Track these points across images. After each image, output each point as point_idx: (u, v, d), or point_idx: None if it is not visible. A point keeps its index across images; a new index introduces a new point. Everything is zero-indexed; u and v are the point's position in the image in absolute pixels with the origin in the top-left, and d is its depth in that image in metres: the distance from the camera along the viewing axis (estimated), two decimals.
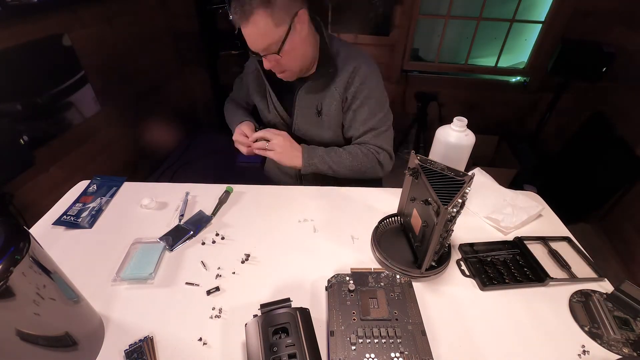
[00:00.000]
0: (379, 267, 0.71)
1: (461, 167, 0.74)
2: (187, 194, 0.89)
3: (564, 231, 0.82)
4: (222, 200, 0.85)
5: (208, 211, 0.83)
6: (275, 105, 1.00)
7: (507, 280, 0.68)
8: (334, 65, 0.91)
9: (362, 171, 0.97)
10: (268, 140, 0.92)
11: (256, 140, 0.93)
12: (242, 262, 0.71)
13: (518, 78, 2.42)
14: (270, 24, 0.76)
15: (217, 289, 0.65)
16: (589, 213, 1.98)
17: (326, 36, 0.91)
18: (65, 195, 0.89)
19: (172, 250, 0.73)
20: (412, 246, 0.74)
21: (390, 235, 0.78)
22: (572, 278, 0.70)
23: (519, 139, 2.48)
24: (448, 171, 0.64)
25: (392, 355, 0.51)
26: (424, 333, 0.54)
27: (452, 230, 0.66)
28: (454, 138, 0.74)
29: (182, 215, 0.82)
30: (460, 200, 0.59)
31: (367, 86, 0.91)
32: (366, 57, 0.94)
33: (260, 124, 1.06)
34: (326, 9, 2.24)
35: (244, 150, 0.96)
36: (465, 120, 0.73)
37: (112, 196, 0.88)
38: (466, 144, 0.75)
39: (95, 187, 0.91)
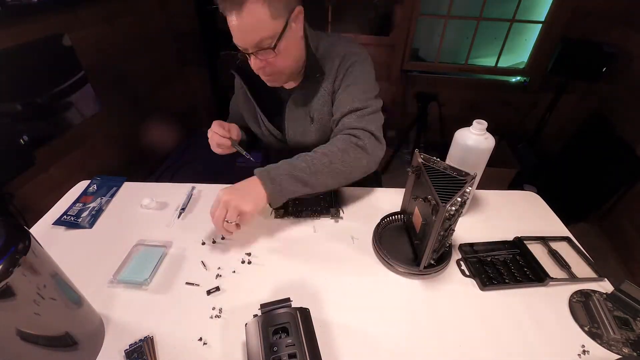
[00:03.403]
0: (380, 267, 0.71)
1: (480, 171, 0.74)
2: (193, 188, 0.89)
3: (564, 231, 0.82)
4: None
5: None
6: (265, 124, 0.95)
7: (507, 280, 0.68)
8: (321, 70, 0.84)
9: (347, 170, 0.77)
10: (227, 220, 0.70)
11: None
12: (242, 262, 0.71)
13: (518, 78, 2.42)
14: (267, 15, 0.69)
15: (217, 289, 0.65)
16: (589, 213, 1.98)
17: (311, 38, 0.84)
18: (66, 195, 0.89)
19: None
20: (413, 244, 0.74)
21: (391, 234, 0.78)
22: (572, 278, 0.70)
23: (519, 139, 2.48)
24: (451, 170, 0.64)
25: None
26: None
27: (453, 230, 0.66)
28: (472, 141, 0.72)
29: (182, 210, 0.82)
30: (460, 199, 0.59)
31: (352, 72, 0.84)
32: (350, 45, 0.86)
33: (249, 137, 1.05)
34: (326, 9, 2.24)
35: (214, 142, 0.90)
36: (485, 123, 0.71)
37: (112, 196, 0.88)
38: (485, 147, 0.72)
39: (95, 187, 0.91)
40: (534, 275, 0.70)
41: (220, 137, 0.88)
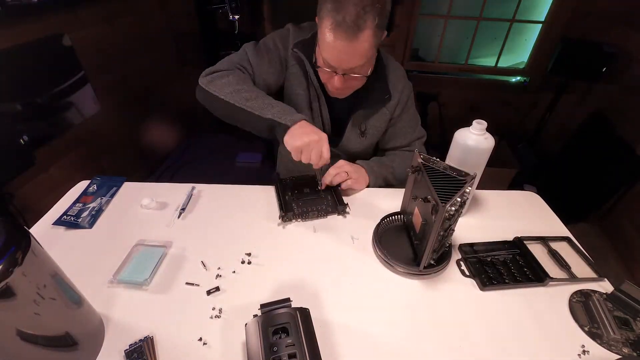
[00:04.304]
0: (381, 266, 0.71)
1: (479, 171, 0.74)
2: (193, 188, 0.89)
3: (564, 231, 0.82)
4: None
5: (211, 210, 0.83)
6: (323, 119, 0.93)
7: (506, 280, 0.68)
8: (389, 91, 0.89)
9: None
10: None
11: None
12: (242, 262, 0.71)
13: (518, 78, 2.42)
14: (372, 44, 0.71)
15: (217, 289, 0.65)
16: (589, 213, 1.98)
17: (384, 58, 0.90)
18: (66, 195, 0.89)
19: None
20: (413, 245, 0.74)
21: (391, 234, 0.78)
22: (572, 278, 0.70)
23: (519, 139, 2.48)
24: (450, 170, 0.64)
25: None
26: None
27: (453, 230, 0.66)
28: (472, 141, 0.72)
29: (183, 210, 0.82)
30: (459, 199, 0.59)
31: (412, 102, 0.96)
32: (401, 68, 0.95)
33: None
34: None
35: (312, 157, 0.74)
36: (484, 123, 0.71)
37: (112, 196, 0.88)
38: (485, 147, 0.72)
39: (95, 187, 0.91)
40: (534, 276, 0.70)
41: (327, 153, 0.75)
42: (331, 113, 0.94)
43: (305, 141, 0.71)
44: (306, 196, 0.87)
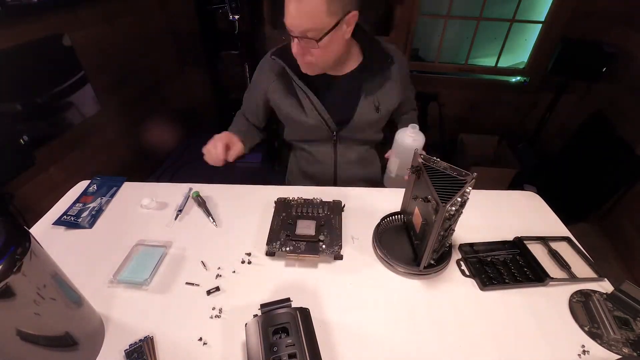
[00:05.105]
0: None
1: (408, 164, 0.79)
2: (190, 189, 0.89)
3: (564, 231, 0.82)
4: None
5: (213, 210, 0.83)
6: (321, 114, 0.94)
7: (507, 280, 0.68)
8: (389, 55, 0.93)
9: None
10: None
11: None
12: (242, 262, 0.71)
13: (518, 78, 2.41)
14: (323, 9, 0.73)
15: (217, 289, 0.65)
16: (589, 213, 1.98)
17: (377, 39, 0.95)
18: (66, 195, 0.89)
19: None
20: (413, 244, 0.74)
21: (391, 234, 0.78)
22: (572, 278, 0.70)
23: (519, 139, 2.48)
24: (450, 171, 0.64)
25: None
26: None
27: (454, 230, 0.66)
28: (410, 140, 0.83)
29: (180, 211, 0.82)
30: (460, 199, 0.59)
31: (408, 72, 1.03)
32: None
33: (270, 136, 1.07)
34: None
35: (211, 159, 0.88)
36: (417, 127, 0.84)
37: (112, 196, 0.88)
38: (418, 144, 0.83)
39: (95, 187, 0.91)
40: (534, 275, 0.70)
41: (217, 157, 0.87)
42: (331, 99, 0.94)
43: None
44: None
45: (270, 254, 0.73)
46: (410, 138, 0.83)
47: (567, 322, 0.63)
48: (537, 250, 0.76)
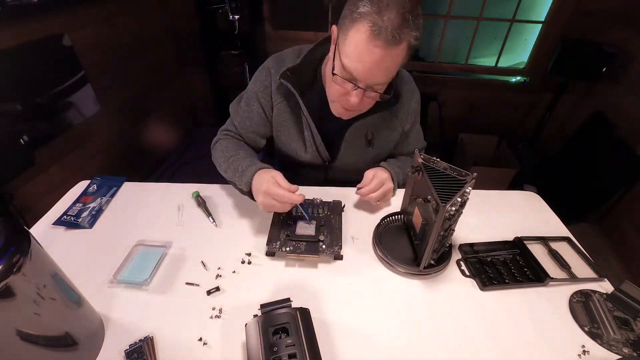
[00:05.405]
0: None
1: None
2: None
3: (564, 231, 0.82)
4: None
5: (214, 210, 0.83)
6: (317, 146, 0.87)
7: (507, 281, 0.68)
8: (396, 93, 0.82)
9: None
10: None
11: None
12: (242, 262, 0.71)
13: (518, 78, 2.42)
14: (403, 60, 0.66)
15: (217, 289, 0.65)
16: (589, 213, 1.98)
17: None
18: (66, 195, 0.89)
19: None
20: (413, 245, 0.74)
21: (391, 234, 0.78)
22: (572, 278, 0.70)
23: (519, 139, 2.48)
24: (450, 171, 0.64)
25: None
26: None
27: (454, 230, 0.66)
28: None
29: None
30: (460, 199, 0.59)
31: (418, 113, 0.93)
32: (407, 73, 0.90)
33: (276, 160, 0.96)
34: (326, 9, 2.24)
35: (284, 207, 0.71)
36: None
37: (112, 196, 0.88)
38: None
39: (95, 187, 0.91)
40: (534, 276, 0.70)
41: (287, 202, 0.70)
42: (326, 136, 0.87)
43: (260, 194, 0.71)
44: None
45: (270, 254, 0.73)
46: None
47: (567, 322, 0.63)
48: (537, 250, 0.76)
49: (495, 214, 0.87)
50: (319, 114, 0.83)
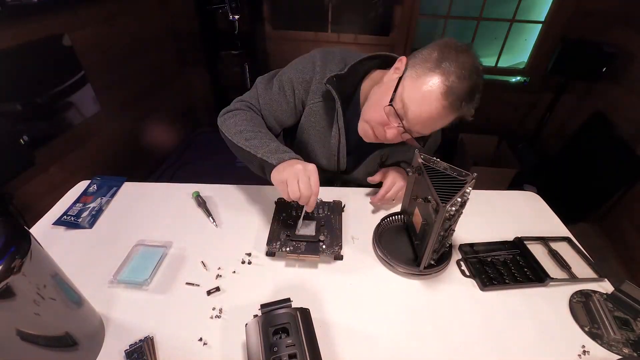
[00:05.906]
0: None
1: None
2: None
3: (564, 231, 0.82)
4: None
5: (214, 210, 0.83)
6: (340, 158, 0.88)
7: (507, 281, 0.68)
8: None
9: None
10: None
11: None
12: (242, 262, 0.71)
13: (518, 78, 2.42)
14: (447, 126, 0.70)
15: (217, 289, 0.65)
16: (589, 213, 1.98)
17: None
18: (66, 195, 0.89)
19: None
20: (413, 245, 0.74)
21: (391, 234, 0.78)
22: (572, 278, 0.70)
23: (519, 139, 2.48)
24: (451, 171, 0.64)
25: None
26: None
27: (454, 230, 0.66)
28: None
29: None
30: (460, 200, 0.59)
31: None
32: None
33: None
34: (326, 9, 2.24)
35: (293, 195, 0.64)
36: None
37: (112, 196, 0.88)
38: None
39: (95, 187, 0.91)
40: (534, 276, 0.70)
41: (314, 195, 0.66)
42: (348, 148, 0.87)
43: (289, 171, 0.65)
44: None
45: (270, 254, 0.73)
46: None
47: (567, 323, 0.63)
48: (537, 251, 0.76)
49: (495, 214, 0.87)
50: (347, 126, 0.82)
